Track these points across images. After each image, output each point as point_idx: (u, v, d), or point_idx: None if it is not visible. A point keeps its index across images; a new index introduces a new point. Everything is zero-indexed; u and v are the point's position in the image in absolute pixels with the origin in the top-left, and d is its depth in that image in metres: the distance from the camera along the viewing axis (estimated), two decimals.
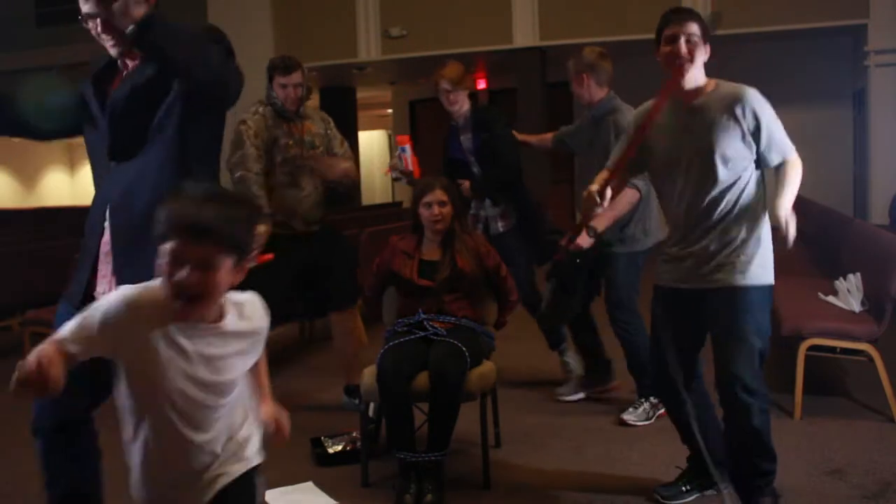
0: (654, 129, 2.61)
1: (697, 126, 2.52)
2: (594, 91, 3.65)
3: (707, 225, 2.55)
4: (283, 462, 3.32)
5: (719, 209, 2.53)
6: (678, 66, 2.47)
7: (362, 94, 13.69)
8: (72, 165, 25.67)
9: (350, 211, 10.36)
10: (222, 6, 11.34)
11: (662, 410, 3.57)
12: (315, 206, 3.82)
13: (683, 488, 2.84)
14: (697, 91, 2.53)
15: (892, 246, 3.62)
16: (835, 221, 5.23)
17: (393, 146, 16.13)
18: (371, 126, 18.39)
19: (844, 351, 3.63)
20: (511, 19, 10.12)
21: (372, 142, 19.19)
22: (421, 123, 14.58)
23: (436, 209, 3.16)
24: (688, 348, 2.69)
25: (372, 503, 2.92)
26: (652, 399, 3.62)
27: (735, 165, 2.50)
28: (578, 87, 3.67)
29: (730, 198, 2.52)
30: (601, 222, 3.28)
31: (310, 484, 3.06)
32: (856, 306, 3.83)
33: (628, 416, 3.60)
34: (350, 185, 4.17)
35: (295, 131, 3.76)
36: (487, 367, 3.13)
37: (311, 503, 2.94)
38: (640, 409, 3.62)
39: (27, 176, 24.27)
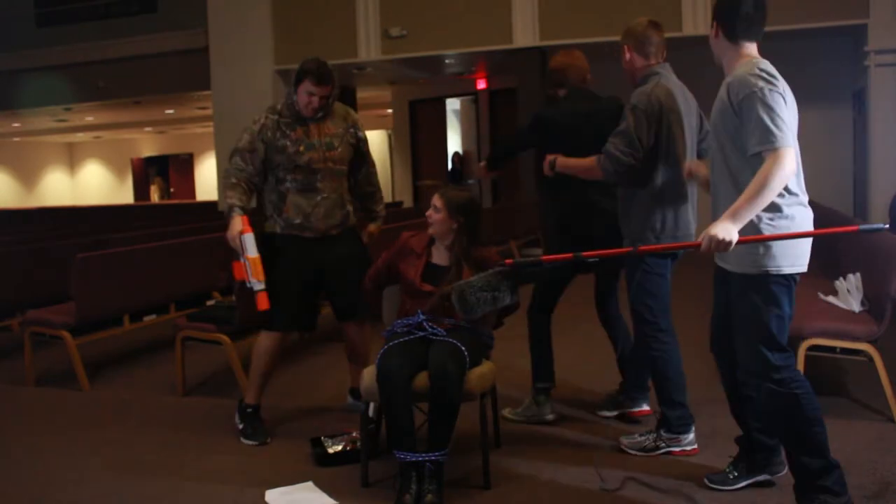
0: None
1: (717, 102, 2.61)
2: (637, 63, 3.27)
3: (721, 205, 2.57)
4: (283, 462, 3.32)
5: (727, 190, 2.56)
6: None
7: (362, 94, 13.71)
8: (72, 165, 25.68)
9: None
10: (222, 6, 11.34)
11: (677, 449, 3.25)
12: (331, 210, 3.62)
13: (731, 475, 2.87)
14: (729, 67, 2.63)
15: (892, 246, 3.61)
16: (835, 221, 5.22)
17: (392, 146, 16.12)
18: (371, 126, 18.40)
19: (844, 351, 3.63)
20: (511, 19, 10.12)
21: (372, 142, 19.17)
22: (421, 123, 14.59)
23: (429, 212, 3.22)
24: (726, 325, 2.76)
25: (372, 503, 2.93)
26: (664, 433, 3.26)
27: (737, 148, 2.52)
28: (624, 62, 3.32)
29: (740, 180, 2.51)
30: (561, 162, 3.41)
31: (310, 484, 3.06)
32: (856, 306, 3.83)
33: (624, 440, 3.34)
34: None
35: (312, 134, 3.58)
36: (487, 366, 3.13)
37: (311, 503, 2.94)
38: (641, 437, 3.31)
39: (27, 176, 24.29)
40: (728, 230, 2.40)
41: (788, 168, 2.38)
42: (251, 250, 3.38)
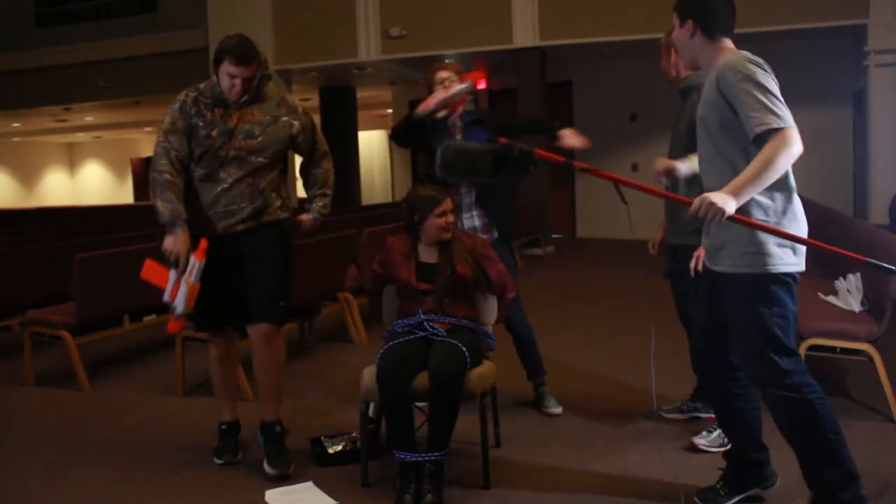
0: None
1: (706, 98, 2.48)
2: (680, 66, 3.32)
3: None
4: None
5: (711, 186, 2.42)
6: None
7: (362, 94, 13.71)
8: (72, 165, 25.69)
9: (348, 211, 10.35)
10: (222, 6, 11.35)
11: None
12: (233, 200, 3.17)
13: (721, 491, 2.73)
14: (710, 66, 2.48)
15: (892, 246, 3.62)
16: (835, 221, 5.22)
17: (392, 146, 16.10)
18: (371, 126, 18.40)
19: (844, 351, 3.63)
20: (511, 19, 10.14)
21: (372, 142, 19.20)
22: None
23: (451, 217, 3.20)
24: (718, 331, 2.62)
25: (372, 503, 2.93)
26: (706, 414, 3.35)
27: (733, 139, 2.38)
28: (665, 62, 3.40)
29: (722, 174, 2.39)
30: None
31: (310, 484, 3.06)
32: (856, 306, 3.83)
33: (700, 441, 3.29)
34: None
35: (231, 120, 3.15)
36: (487, 367, 3.13)
37: (311, 503, 2.94)
38: (715, 433, 3.28)
39: (27, 176, 24.29)
40: (725, 200, 2.21)
41: (795, 148, 2.22)
42: (195, 278, 3.10)
